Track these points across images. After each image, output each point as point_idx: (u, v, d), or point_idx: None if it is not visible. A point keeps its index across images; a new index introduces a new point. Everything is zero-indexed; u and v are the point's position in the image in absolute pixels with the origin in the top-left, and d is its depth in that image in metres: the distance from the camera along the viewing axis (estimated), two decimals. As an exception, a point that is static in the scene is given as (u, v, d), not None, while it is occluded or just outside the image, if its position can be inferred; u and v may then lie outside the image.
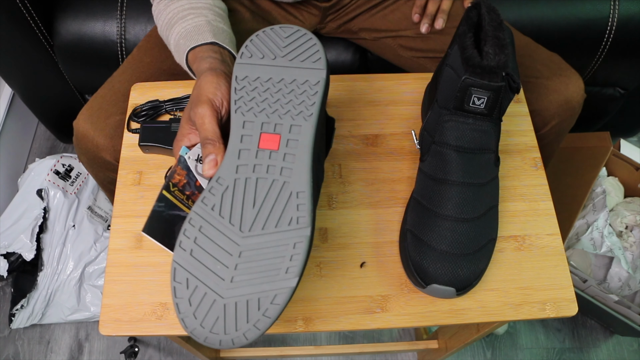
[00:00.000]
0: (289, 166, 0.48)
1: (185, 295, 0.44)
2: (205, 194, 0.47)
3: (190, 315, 0.44)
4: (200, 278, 0.45)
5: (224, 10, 0.69)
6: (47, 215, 1.17)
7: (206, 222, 0.46)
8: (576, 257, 1.14)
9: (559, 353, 1.21)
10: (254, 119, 0.49)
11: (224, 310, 0.44)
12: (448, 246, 0.54)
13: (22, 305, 1.17)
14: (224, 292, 0.44)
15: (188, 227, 0.46)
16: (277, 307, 0.44)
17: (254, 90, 0.50)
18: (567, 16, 1.00)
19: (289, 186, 0.47)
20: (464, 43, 0.52)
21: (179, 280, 0.45)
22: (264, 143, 0.48)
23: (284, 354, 1.03)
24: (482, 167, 0.56)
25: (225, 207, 0.46)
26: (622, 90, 1.17)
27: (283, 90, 0.50)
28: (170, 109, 0.68)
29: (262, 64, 0.51)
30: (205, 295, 0.44)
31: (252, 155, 0.48)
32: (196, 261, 0.45)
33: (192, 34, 0.62)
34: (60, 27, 1.01)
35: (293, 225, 0.46)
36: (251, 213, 0.46)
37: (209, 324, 0.44)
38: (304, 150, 0.48)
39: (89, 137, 0.72)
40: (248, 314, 0.44)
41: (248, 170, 0.48)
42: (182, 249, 0.45)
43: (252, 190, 0.47)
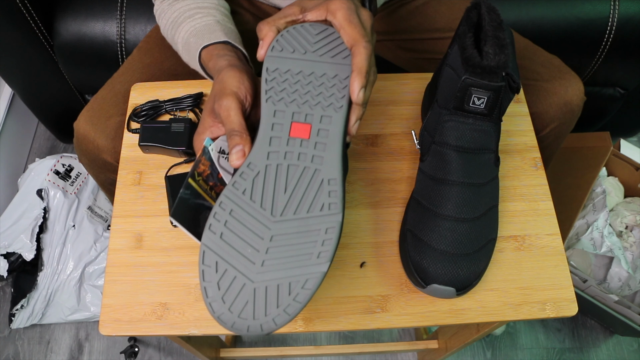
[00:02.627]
0: (320, 154, 0.49)
1: (214, 279, 0.44)
2: (236, 179, 0.47)
3: (218, 299, 0.43)
4: (230, 261, 0.44)
5: (228, 10, 0.69)
6: (47, 215, 1.17)
7: (237, 206, 0.46)
8: (576, 257, 1.14)
9: (559, 353, 1.21)
10: (284, 109, 0.50)
11: (253, 294, 0.44)
12: (448, 246, 0.54)
13: (22, 305, 1.17)
14: (254, 276, 0.44)
15: (218, 210, 0.46)
16: (308, 292, 0.44)
17: (285, 81, 0.51)
18: (567, 16, 1.00)
19: (320, 173, 0.48)
20: (464, 43, 0.52)
21: (207, 264, 0.44)
22: (295, 132, 0.49)
23: (284, 354, 1.03)
24: (482, 167, 0.56)
25: (256, 191, 0.47)
26: (622, 90, 1.17)
27: (314, 83, 0.51)
28: (170, 109, 0.68)
29: (292, 58, 0.52)
30: (235, 279, 0.44)
31: (283, 142, 0.49)
32: (226, 244, 0.45)
33: (203, 33, 0.62)
34: (60, 27, 1.01)
35: (325, 211, 0.47)
36: (283, 198, 0.47)
37: (237, 308, 0.43)
38: (335, 140, 0.49)
39: (90, 138, 0.72)
40: (278, 298, 0.44)
41: (279, 157, 0.48)
42: (211, 232, 0.45)
43: (283, 176, 0.48)
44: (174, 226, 0.61)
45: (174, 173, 0.64)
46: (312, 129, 0.49)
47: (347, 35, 0.51)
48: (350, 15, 0.51)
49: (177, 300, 0.57)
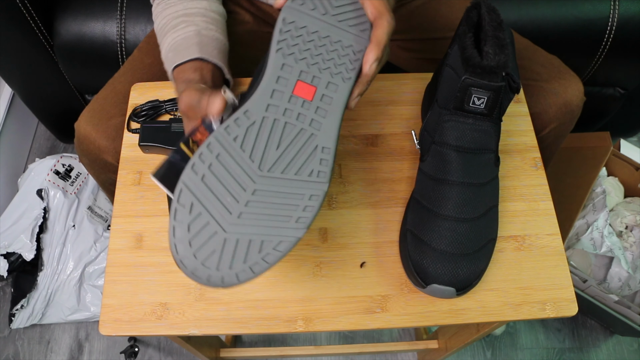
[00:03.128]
0: (319, 120, 0.48)
1: (185, 219, 0.42)
2: (229, 123, 0.46)
3: (185, 241, 0.42)
4: (207, 206, 0.43)
5: (221, 14, 0.69)
6: (47, 215, 1.17)
7: (225, 151, 0.45)
8: (576, 257, 1.14)
9: (559, 353, 1.21)
10: (293, 65, 0.48)
11: (223, 244, 0.42)
12: (448, 246, 0.54)
13: (22, 305, 1.17)
14: (227, 226, 0.43)
15: (205, 152, 0.44)
16: (278, 254, 0.43)
17: (299, 37, 0.49)
18: (567, 16, 1.00)
19: (316, 139, 0.47)
20: (464, 43, 0.52)
21: (182, 203, 0.43)
22: (298, 90, 0.48)
23: (284, 354, 1.03)
24: (482, 167, 0.56)
25: (248, 141, 0.45)
26: (622, 90, 1.17)
27: (327, 46, 0.50)
28: (171, 109, 0.68)
29: (311, 15, 0.50)
30: (207, 224, 0.43)
31: (285, 98, 0.47)
32: (206, 188, 0.43)
33: (179, 49, 0.62)
34: (60, 27, 1.01)
35: (313, 177, 0.46)
36: (274, 154, 0.46)
37: (202, 255, 0.42)
38: (337, 109, 0.48)
39: (91, 138, 0.72)
40: (247, 254, 0.43)
41: (278, 112, 0.47)
42: (193, 172, 0.44)
43: (278, 132, 0.46)
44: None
45: None
46: (317, 92, 0.48)
47: (373, 6, 0.50)
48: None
49: (177, 300, 0.57)
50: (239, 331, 0.56)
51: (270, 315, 0.56)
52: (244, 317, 0.56)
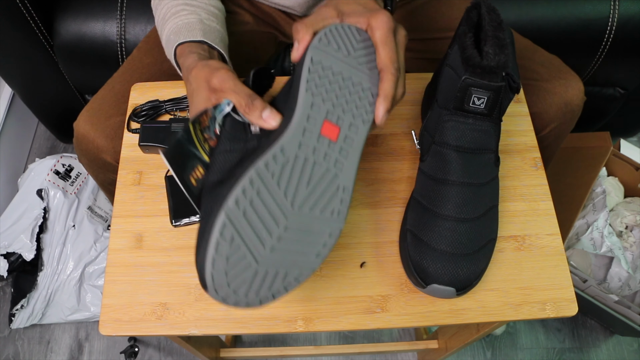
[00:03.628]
0: (342, 160, 0.50)
1: (225, 252, 0.44)
2: (268, 160, 0.47)
3: (223, 272, 0.44)
4: (245, 240, 0.45)
5: (220, 10, 0.69)
6: (47, 215, 1.17)
7: (264, 188, 0.46)
8: (576, 257, 1.14)
9: (559, 353, 1.21)
10: (320, 104, 0.50)
11: (254, 275, 0.45)
12: (448, 246, 0.54)
13: (22, 305, 1.17)
14: (260, 259, 0.45)
15: (247, 187, 0.46)
16: (296, 284, 0.47)
17: (325, 78, 0.51)
18: (567, 16, 1.00)
19: (338, 179, 0.49)
20: (464, 43, 0.52)
21: (225, 237, 0.44)
22: (325, 130, 0.49)
23: (284, 354, 1.03)
24: (482, 167, 0.56)
25: (283, 177, 0.47)
26: (622, 90, 1.17)
27: (349, 89, 0.51)
28: (170, 109, 0.68)
29: (335, 56, 0.52)
30: (244, 257, 0.45)
31: (314, 137, 0.49)
32: (246, 222, 0.45)
33: (182, 30, 0.62)
34: (60, 27, 1.01)
35: (334, 216, 0.48)
36: (304, 192, 0.48)
37: (235, 284, 0.44)
38: (356, 150, 0.50)
39: (89, 138, 0.72)
40: (273, 284, 0.46)
41: (309, 150, 0.48)
42: (236, 207, 0.45)
43: (308, 171, 0.48)
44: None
45: None
46: (340, 133, 0.50)
47: (380, 57, 0.52)
48: (388, 37, 0.51)
49: (177, 300, 0.57)
50: (239, 331, 0.56)
51: (270, 315, 0.56)
52: (244, 317, 0.56)
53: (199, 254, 0.45)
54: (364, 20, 0.53)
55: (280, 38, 0.87)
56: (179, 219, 0.61)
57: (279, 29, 0.85)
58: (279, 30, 0.85)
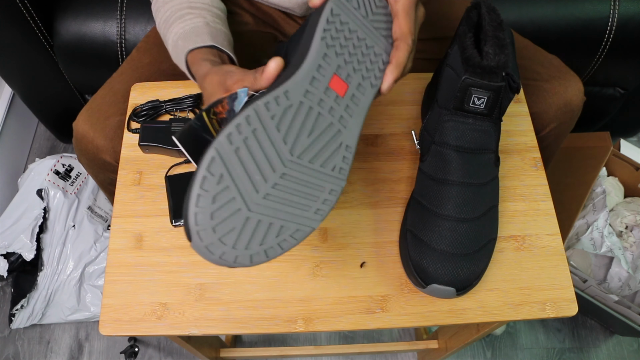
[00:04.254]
0: (346, 117, 0.48)
1: (212, 190, 0.40)
2: (269, 99, 0.44)
3: (207, 213, 0.40)
4: (235, 180, 0.42)
5: (223, 11, 0.69)
6: (47, 215, 1.17)
7: (262, 127, 0.43)
8: (576, 257, 1.14)
9: (559, 353, 1.21)
10: (333, 57, 0.48)
11: (244, 223, 0.42)
12: (448, 246, 0.54)
13: (22, 305, 1.17)
14: (252, 205, 0.42)
15: (242, 123, 0.42)
16: (293, 242, 0.44)
17: (340, 32, 0.49)
18: (567, 16, 1.00)
19: (342, 136, 0.48)
20: (464, 43, 0.52)
21: (212, 172, 0.40)
22: (334, 84, 0.48)
23: (284, 354, 1.03)
24: (482, 167, 0.56)
25: (284, 122, 0.45)
26: (622, 90, 1.17)
27: (362, 49, 0.50)
28: (171, 109, 0.68)
29: (354, 14, 0.50)
30: (233, 199, 0.41)
31: (321, 88, 0.47)
32: (238, 161, 0.42)
33: (190, 36, 0.62)
34: (60, 27, 1.01)
35: (335, 173, 0.47)
36: (305, 141, 0.46)
37: (222, 230, 0.41)
38: (362, 110, 0.49)
39: (89, 138, 0.72)
40: (265, 237, 0.43)
41: (314, 100, 0.47)
42: (228, 141, 0.41)
43: (311, 121, 0.46)
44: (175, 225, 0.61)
45: (174, 173, 0.64)
46: (348, 90, 0.49)
47: (398, 25, 0.51)
48: (410, 7, 0.52)
49: (177, 300, 0.57)
50: (239, 331, 0.56)
51: (270, 315, 0.56)
52: (244, 317, 0.56)
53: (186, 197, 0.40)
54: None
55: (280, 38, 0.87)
56: (179, 219, 0.61)
57: (278, 29, 0.85)
58: (278, 30, 0.85)
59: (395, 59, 0.51)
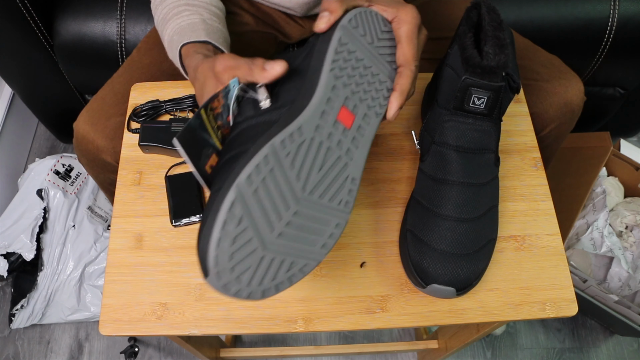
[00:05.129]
0: (353, 150, 0.48)
1: (233, 232, 0.40)
2: (285, 137, 0.43)
3: (227, 254, 0.40)
4: (254, 221, 0.42)
5: (221, 10, 0.69)
6: (47, 215, 1.17)
7: (279, 166, 0.43)
8: (576, 257, 1.14)
9: (559, 353, 1.21)
10: (341, 89, 0.48)
11: (259, 261, 0.42)
12: (448, 246, 0.54)
13: (22, 305, 1.17)
14: (268, 244, 0.42)
15: (262, 164, 0.42)
16: (300, 276, 0.44)
17: (348, 62, 0.49)
18: (567, 16, 1.00)
19: (348, 169, 0.48)
20: (464, 43, 0.52)
21: (234, 214, 0.40)
22: (341, 116, 0.48)
23: (284, 354, 1.03)
24: (482, 167, 0.56)
25: (298, 159, 0.44)
26: (622, 90, 1.17)
27: (368, 78, 0.50)
28: (171, 109, 0.68)
29: (360, 42, 0.50)
30: (251, 240, 0.41)
31: (330, 121, 0.47)
32: (256, 202, 0.42)
33: (185, 31, 0.62)
34: (60, 27, 1.01)
35: (341, 207, 0.47)
36: (315, 177, 0.45)
37: (239, 270, 0.41)
38: (367, 142, 0.49)
39: (89, 138, 0.72)
40: (277, 273, 0.43)
41: (324, 134, 0.46)
42: (248, 183, 0.41)
43: (322, 155, 0.46)
44: (175, 225, 0.61)
45: (174, 173, 0.64)
46: (355, 121, 0.48)
47: (402, 52, 0.51)
48: (414, 33, 0.51)
49: (177, 300, 0.57)
50: (239, 331, 0.56)
51: (270, 315, 0.56)
52: (244, 317, 0.56)
53: (202, 234, 0.40)
54: (393, 11, 0.52)
55: (280, 38, 0.87)
56: (179, 219, 0.61)
57: (279, 29, 0.85)
58: (279, 30, 0.85)
59: (400, 86, 0.51)
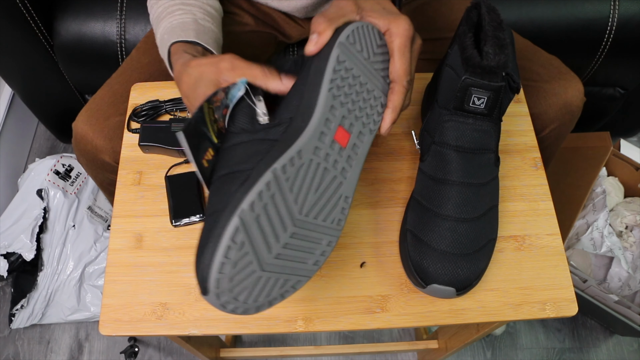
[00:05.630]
0: (347, 168, 0.48)
1: (234, 258, 0.41)
2: (285, 163, 0.44)
3: (228, 277, 0.41)
4: (254, 246, 0.42)
5: (217, 10, 0.69)
6: (47, 215, 1.17)
7: (279, 192, 0.44)
8: (576, 257, 1.14)
9: (558, 353, 1.21)
10: (338, 108, 0.48)
11: (256, 282, 0.43)
12: (448, 246, 0.54)
13: (22, 305, 1.17)
14: (265, 265, 0.43)
15: (264, 191, 0.42)
16: (292, 291, 0.45)
17: (345, 80, 0.49)
18: (567, 16, 1.00)
19: (342, 187, 0.48)
20: (464, 43, 0.52)
21: (236, 241, 0.41)
22: (338, 136, 0.47)
23: (284, 354, 1.03)
24: (482, 167, 0.56)
25: (297, 182, 0.45)
26: (622, 90, 1.17)
27: (364, 95, 0.50)
28: (171, 109, 0.68)
29: (357, 59, 0.49)
30: (250, 263, 0.42)
31: (327, 142, 0.47)
32: (257, 228, 0.42)
33: (176, 30, 0.61)
34: (60, 27, 1.01)
35: (334, 225, 0.47)
36: (312, 198, 0.46)
37: (237, 290, 0.42)
38: (360, 159, 0.49)
39: (88, 138, 0.72)
40: (271, 290, 0.44)
41: (321, 155, 0.46)
42: (251, 210, 0.42)
43: (319, 177, 0.46)
44: (175, 225, 0.61)
45: (174, 173, 0.64)
46: (350, 140, 0.48)
47: (394, 67, 0.51)
48: (406, 46, 0.50)
49: (177, 300, 0.57)
50: (239, 331, 0.56)
51: (270, 315, 0.56)
52: (244, 317, 0.56)
53: (203, 257, 0.41)
54: (384, 24, 0.51)
55: (279, 38, 0.87)
56: (179, 219, 0.61)
57: (278, 29, 0.85)
58: (278, 30, 0.85)
59: (392, 103, 0.50)
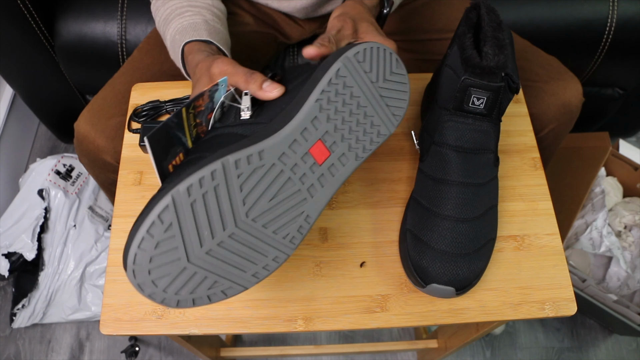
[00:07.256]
0: (317, 187, 0.46)
1: (157, 237, 0.40)
2: (240, 158, 0.42)
3: (147, 255, 0.40)
4: (183, 231, 0.41)
5: (223, 12, 0.69)
6: (48, 215, 1.17)
7: (225, 185, 0.42)
8: (575, 257, 1.14)
9: (558, 352, 1.22)
10: (322, 122, 0.46)
11: (179, 272, 0.41)
12: (448, 246, 0.55)
13: (23, 304, 1.17)
14: (193, 257, 0.42)
15: (207, 177, 0.41)
16: (222, 297, 0.43)
17: (340, 96, 0.47)
18: (566, 17, 1.00)
19: (305, 205, 0.46)
20: (463, 43, 0.53)
21: (162, 219, 0.40)
22: (315, 150, 0.46)
23: (284, 354, 1.03)
24: (482, 167, 0.56)
25: (249, 182, 0.43)
26: (621, 90, 1.17)
27: (359, 117, 0.48)
28: (171, 110, 0.68)
29: (361, 78, 0.48)
30: (175, 249, 0.41)
31: (300, 152, 0.45)
32: (191, 214, 0.41)
33: (188, 30, 0.62)
34: (61, 27, 1.01)
35: (286, 241, 0.45)
36: (265, 205, 0.44)
37: (156, 274, 0.41)
38: (335, 183, 0.47)
39: (90, 138, 0.72)
40: (196, 288, 0.42)
41: (288, 164, 0.44)
42: (187, 193, 0.40)
43: (278, 185, 0.44)
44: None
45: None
46: (328, 159, 0.46)
47: None
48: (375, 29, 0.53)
49: (178, 299, 0.57)
50: (239, 331, 0.56)
51: (270, 315, 0.57)
52: (244, 317, 0.57)
53: (132, 227, 0.40)
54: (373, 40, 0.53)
55: (280, 39, 0.87)
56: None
57: (279, 29, 0.86)
58: (279, 31, 0.86)
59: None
